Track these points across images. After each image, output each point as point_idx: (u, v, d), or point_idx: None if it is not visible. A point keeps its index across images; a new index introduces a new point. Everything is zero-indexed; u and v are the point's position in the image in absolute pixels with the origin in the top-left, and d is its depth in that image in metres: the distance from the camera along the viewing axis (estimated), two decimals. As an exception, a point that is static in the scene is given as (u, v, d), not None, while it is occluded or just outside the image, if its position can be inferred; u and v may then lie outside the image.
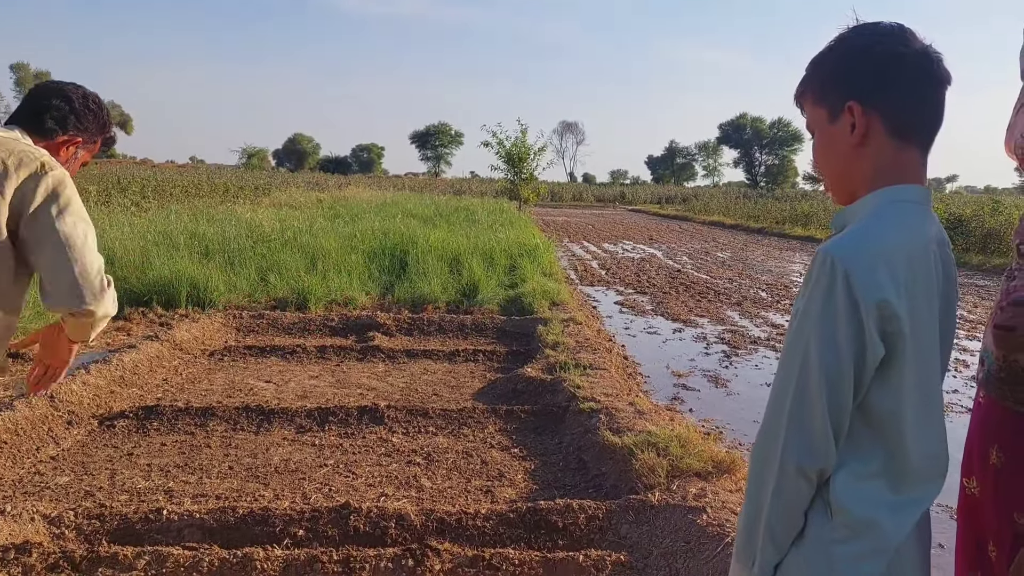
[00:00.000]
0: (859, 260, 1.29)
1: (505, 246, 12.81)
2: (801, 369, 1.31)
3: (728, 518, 3.57)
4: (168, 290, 8.97)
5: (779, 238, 27.91)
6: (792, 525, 1.35)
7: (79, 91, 2.35)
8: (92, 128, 2.38)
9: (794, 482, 1.32)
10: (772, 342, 9.04)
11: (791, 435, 1.32)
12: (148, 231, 11.10)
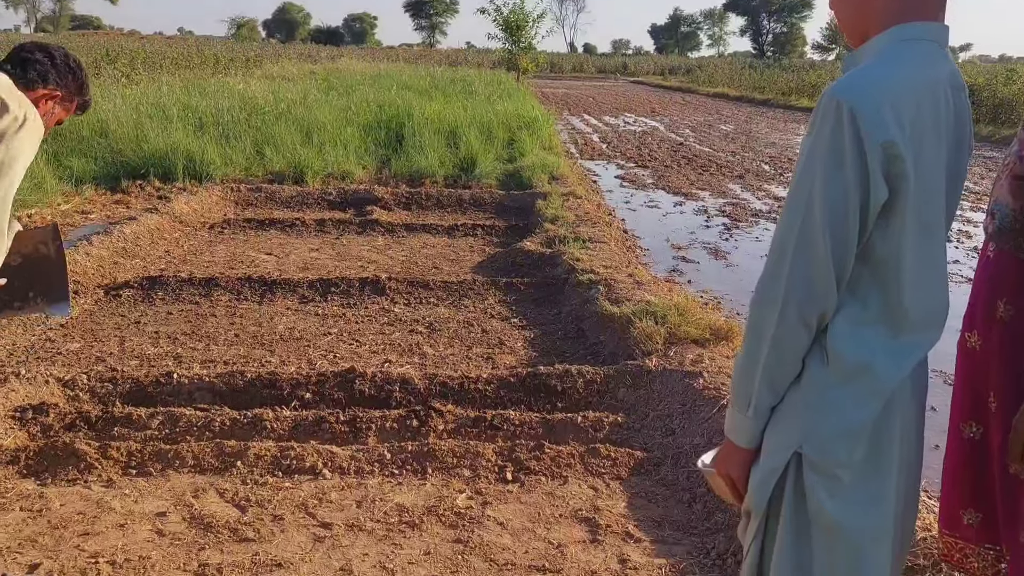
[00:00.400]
0: (865, 99, 1.26)
1: (503, 119, 12.57)
2: (806, 209, 1.30)
3: (724, 382, 3.68)
4: (164, 163, 8.87)
5: (785, 110, 27.40)
6: (789, 370, 1.37)
7: (61, 51, 2.40)
8: (71, 86, 2.41)
9: (794, 327, 1.32)
10: (773, 215, 9.04)
11: (793, 278, 1.31)
12: (141, 103, 10.86)
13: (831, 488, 1.33)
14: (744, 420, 1.42)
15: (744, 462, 1.45)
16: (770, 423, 1.41)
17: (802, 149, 1.35)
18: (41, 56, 2.31)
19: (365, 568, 2.57)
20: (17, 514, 2.79)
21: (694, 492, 3.05)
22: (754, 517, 1.43)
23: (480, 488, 3.08)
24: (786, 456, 1.36)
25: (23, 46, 2.36)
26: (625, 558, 2.67)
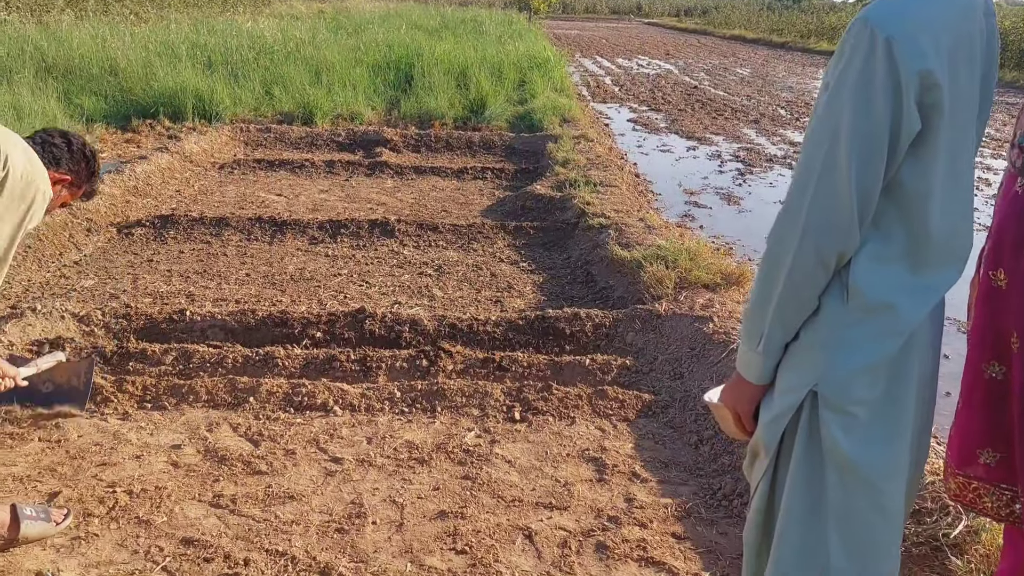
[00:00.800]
0: (901, 26, 1.21)
1: (514, 60, 12.37)
2: (831, 144, 1.25)
3: (734, 327, 3.69)
4: (174, 102, 8.80)
5: (803, 53, 26.85)
6: (804, 308, 1.34)
7: (79, 140, 2.49)
8: (82, 173, 2.49)
9: (811, 264, 1.29)
10: (789, 160, 8.94)
11: (814, 214, 1.28)
12: (150, 41, 10.73)
13: (847, 426, 1.32)
14: (754, 356, 1.41)
15: (752, 398, 1.45)
16: (784, 360, 1.40)
17: (827, 80, 1.31)
18: (60, 141, 2.43)
19: (375, 502, 2.63)
20: (36, 444, 2.85)
21: (701, 434, 3.08)
22: (764, 455, 1.43)
23: (488, 427, 3.12)
24: (801, 395, 1.36)
25: (47, 130, 2.48)
26: (631, 497, 2.71)
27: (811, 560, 1.39)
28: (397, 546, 2.41)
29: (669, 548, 2.46)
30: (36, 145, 2.36)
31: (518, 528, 2.52)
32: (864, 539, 1.35)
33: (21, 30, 10.93)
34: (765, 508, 1.47)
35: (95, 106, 8.68)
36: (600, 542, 2.47)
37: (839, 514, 1.35)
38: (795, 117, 12.15)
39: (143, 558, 2.30)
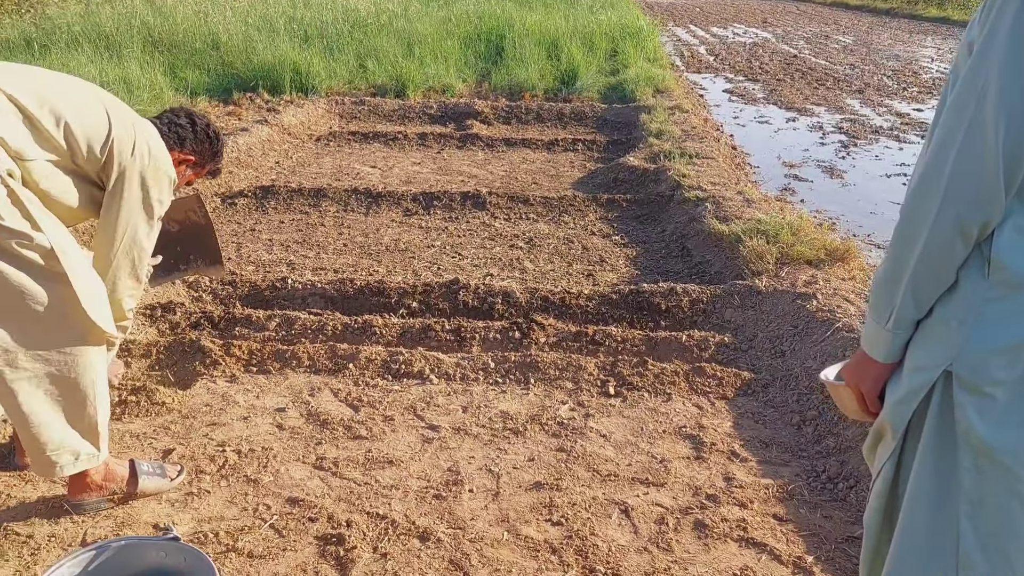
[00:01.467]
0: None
1: (606, 29, 12.14)
2: (977, 104, 1.16)
3: (840, 304, 3.55)
4: (272, 75, 9.01)
5: (910, 20, 25.49)
6: (940, 283, 1.26)
7: (204, 120, 2.56)
8: (205, 153, 2.57)
9: (949, 235, 1.21)
10: (896, 132, 8.53)
11: (955, 182, 1.19)
12: (249, 15, 10.99)
13: (983, 408, 1.24)
14: (883, 333, 1.33)
15: (879, 377, 1.38)
16: (915, 338, 1.32)
17: (970, 39, 1.21)
18: (185, 122, 2.51)
19: (472, 470, 2.65)
20: (146, 404, 2.97)
21: (804, 415, 2.99)
22: (891, 436, 1.36)
23: (582, 400, 3.10)
24: (934, 375, 1.27)
25: (174, 110, 2.55)
26: (730, 476, 2.65)
27: (939, 548, 1.32)
28: (493, 514, 2.43)
29: (770, 529, 2.40)
30: (162, 126, 2.44)
31: (614, 502, 2.50)
32: (999, 527, 1.27)
33: (129, 6, 11.34)
34: (888, 492, 1.40)
35: (198, 80, 8.96)
36: (698, 520, 2.42)
37: (972, 500, 1.27)
38: (902, 87, 11.57)
39: (251, 515, 2.39)
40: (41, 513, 2.36)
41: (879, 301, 1.33)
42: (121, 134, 2.21)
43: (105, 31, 9.66)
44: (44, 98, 2.10)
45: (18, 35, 9.61)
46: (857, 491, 2.56)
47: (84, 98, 2.21)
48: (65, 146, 2.12)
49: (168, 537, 1.89)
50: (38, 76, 2.18)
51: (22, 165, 2.05)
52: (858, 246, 4.50)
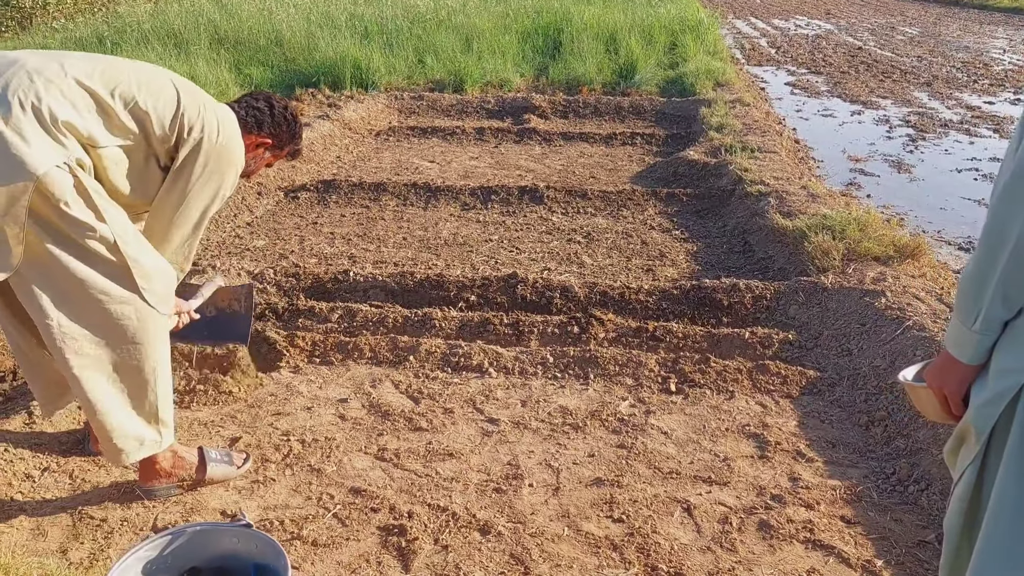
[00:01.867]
0: None
1: (665, 22, 11.99)
2: None
3: (910, 303, 3.45)
4: (333, 71, 9.13)
5: (979, 10, 24.63)
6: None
7: (282, 103, 2.55)
8: (283, 136, 2.55)
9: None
10: (966, 125, 8.25)
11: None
12: (311, 12, 11.16)
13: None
14: (968, 334, 1.29)
15: (963, 379, 1.33)
16: (1002, 339, 1.27)
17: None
18: (263, 105, 2.50)
19: (531, 464, 2.64)
20: (214, 393, 3.04)
21: (872, 415, 2.91)
22: (975, 440, 1.31)
23: (643, 397, 3.07)
24: (1021, 378, 1.23)
25: (252, 94, 2.55)
26: (796, 476, 2.60)
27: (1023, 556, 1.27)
28: (554, 509, 2.42)
29: (838, 531, 2.34)
30: (240, 109, 2.45)
31: (676, 500, 2.47)
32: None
33: (197, 4, 11.61)
34: (971, 497, 1.35)
35: (262, 76, 9.14)
36: (763, 520, 2.38)
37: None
38: (972, 79, 11.18)
39: (315, 504, 2.43)
40: (114, 498, 2.43)
41: (965, 302, 1.30)
42: (191, 113, 2.22)
43: (174, 28, 9.92)
44: (114, 82, 2.12)
45: (91, 33, 9.94)
46: (929, 494, 2.48)
47: (154, 79, 2.22)
48: (137, 129, 2.14)
49: (241, 524, 1.92)
50: (106, 62, 2.19)
51: (94, 153, 2.07)
52: (928, 242, 4.36)
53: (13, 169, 1.89)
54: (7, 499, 2.39)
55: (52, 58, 2.09)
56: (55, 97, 1.99)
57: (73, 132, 2.01)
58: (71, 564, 2.15)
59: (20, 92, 1.96)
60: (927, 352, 3.01)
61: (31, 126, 1.94)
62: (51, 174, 1.91)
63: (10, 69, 2.00)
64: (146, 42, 9.26)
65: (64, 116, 1.98)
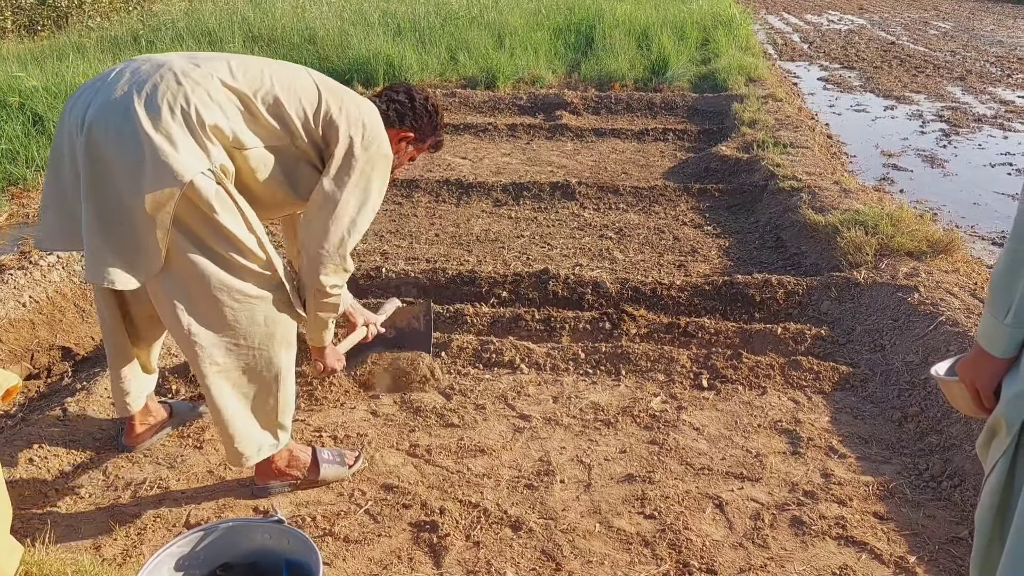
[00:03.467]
0: None
1: (697, 18, 11.92)
2: None
3: (943, 298, 3.41)
4: (366, 68, 9.20)
5: (1014, 5, 24.11)
6: None
7: (422, 95, 2.52)
8: (425, 129, 2.52)
9: None
10: (1000, 120, 8.11)
11: None
12: (344, 10, 11.26)
13: None
14: (1000, 327, 1.30)
15: (995, 372, 1.34)
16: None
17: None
18: (403, 98, 2.48)
19: (563, 460, 2.66)
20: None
21: (905, 411, 2.89)
22: (1006, 433, 1.31)
23: (675, 392, 3.08)
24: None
25: (393, 86, 2.53)
26: (828, 472, 2.59)
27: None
28: (585, 506, 2.44)
29: (871, 528, 2.34)
30: (381, 103, 2.43)
31: (708, 496, 2.47)
32: None
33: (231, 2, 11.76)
34: (1002, 490, 1.35)
35: (296, 74, 9.23)
36: (795, 516, 2.38)
37: None
38: (1006, 74, 10.97)
39: (347, 500, 2.46)
40: (147, 494, 2.48)
41: (997, 296, 1.30)
42: (334, 111, 2.20)
43: (208, 27, 10.06)
44: (257, 83, 2.11)
45: (126, 31, 10.11)
46: (962, 490, 2.46)
47: (296, 78, 2.20)
48: (282, 130, 2.13)
49: (273, 520, 1.95)
50: (248, 62, 2.19)
51: (239, 155, 2.07)
52: (962, 237, 4.30)
53: (162, 175, 1.90)
54: (41, 495, 2.45)
55: (197, 60, 2.10)
56: (202, 100, 1.99)
57: (219, 136, 2.01)
58: (104, 560, 2.19)
59: (169, 95, 1.97)
60: (960, 347, 2.98)
61: (180, 130, 1.95)
62: (198, 180, 1.93)
63: (158, 72, 2.02)
64: (180, 40, 9.40)
65: (211, 119, 1.99)
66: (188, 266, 2.02)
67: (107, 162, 1.95)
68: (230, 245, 2.03)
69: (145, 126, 1.92)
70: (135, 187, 1.92)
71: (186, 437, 2.78)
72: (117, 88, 1.99)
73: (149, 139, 1.91)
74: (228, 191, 2.01)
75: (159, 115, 1.94)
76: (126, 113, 1.94)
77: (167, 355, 3.19)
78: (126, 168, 1.93)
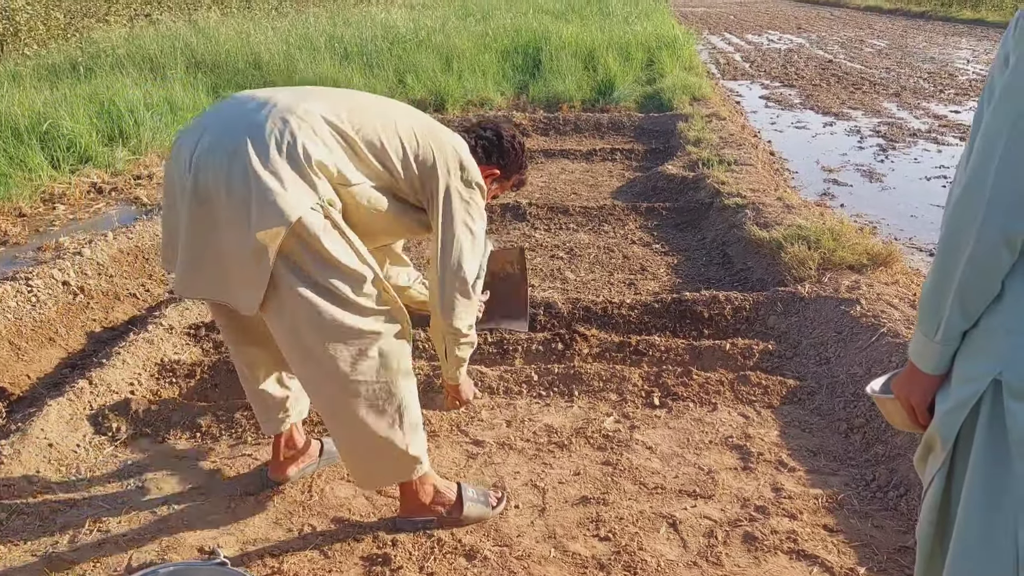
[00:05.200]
0: None
1: (641, 39, 12.12)
2: (1017, 119, 1.16)
3: (884, 309, 3.49)
4: (312, 94, 9.15)
5: (944, 22, 25.05)
6: (987, 293, 1.25)
7: (510, 132, 2.52)
8: (511, 167, 2.53)
9: (994, 245, 1.20)
10: (934, 134, 8.38)
11: (998, 192, 1.18)
12: (290, 35, 11.19)
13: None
14: (931, 345, 1.32)
15: (928, 389, 1.36)
16: (962, 348, 1.31)
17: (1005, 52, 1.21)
18: (491, 135, 2.48)
19: (517, 485, 2.65)
20: (199, 421, 3.02)
21: (851, 422, 2.94)
22: (941, 448, 1.34)
23: (627, 412, 3.09)
24: (983, 384, 1.26)
25: (481, 123, 2.54)
26: (779, 486, 2.62)
27: (996, 560, 1.29)
28: (540, 531, 2.42)
29: (821, 541, 2.36)
30: (470, 139, 2.43)
31: (662, 516, 2.48)
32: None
33: (173, 28, 11.61)
34: (940, 504, 1.38)
35: (240, 100, 9.13)
36: (748, 532, 2.39)
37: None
38: (938, 89, 11.37)
39: (297, 536, 2.41)
40: (86, 538, 2.40)
41: (926, 314, 1.33)
42: (433, 150, 2.20)
43: (149, 53, 9.91)
44: (358, 119, 2.10)
45: (64, 59, 9.90)
46: (908, 499, 2.51)
47: (394, 116, 2.19)
48: (382, 167, 2.12)
49: (215, 562, 1.90)
50: (349, 97, 2.18)
51: (344, 191, 2.05)
52: (900, 250, 4.42)
53: (269, 213, 1.88)
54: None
55: (301, 96, 2.08)
56: (308, 136, 1.97)
57: (325, 171, 1.99)
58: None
59: (276, 133, 1.95)
60: (901, 358, 3.05)
61: (286, 168, 1.93)
62: (306, 217, 1.91)
63: (263, 109, 2.00)
64: (121, 67, 9.24)
65: (317, 156, 1.97)
66: (297, 302, 1.99)
67: (214, 201, 1.94)
68: (342, 279, 2.01)
69: (253, 164, 1.91)
70: (242, 225, 1.91)
71: (126, 476, 2.69)
72: (223, 127, 1.99)
73: (257, 177, 1.90)
74: (336, 224, 1.99)
75: (267, 153, 1.93)
76: (234, 153, 1.92)
77: (107, 392, 3.10)
78: (234, 206, 1.92)
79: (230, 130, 1.97)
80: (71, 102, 7.07)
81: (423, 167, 2.19)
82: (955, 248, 1.26)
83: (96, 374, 3.16)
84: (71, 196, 5.96)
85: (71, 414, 2.94)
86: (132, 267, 4.45)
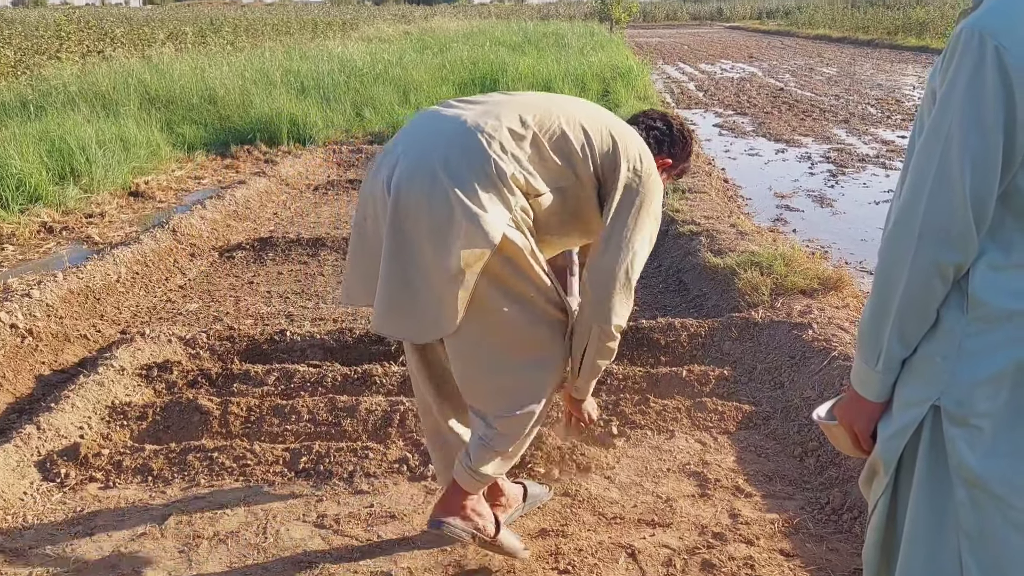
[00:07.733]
0: (1011, 32, 1.16)
1: (597, 70, 12.35)
2: (942, 156, 1.21)
3: (835, 333, 3.56)
4: (270, 127, 9.13)
5: (890, 50, 25.88)
6: (923, 322, 1.29)
7: (678, 120, 2.47)
8: (681, 156, 2.46)
9: (928, 276, 1.25)
10: (882, 159, 8.61)
11: (929, 226, 1.23)
12: (246, 70, 11.18)
13: (972, 440, 1.26)
14: (872, 373, 1.36)
15: (871, 416, 1.40)
16: (902, 375, 1.35)
17: (933, 86, 1.27)
18: (661, 125, 2.41)
19: (475, 519, 2.62)
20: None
21: (805, 446, 2.98)
22: (884, 472, 1.37)
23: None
24: (922, 411, 1.30)
25: (648, 114, 2.46)
26: (736, 512, 2.63)
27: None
28: (500, 567, 2.40)
29: (778, 566, 2.38)
30: (641, 131, 2.34)
31: (621, 546, 2.48)
32: (1001, 558, 1.27)
33: (126, 64, 11.52)
34: (885, 527, 1.41)
35: (195, 134, 9.08)
36: (706, 560, 2.40)
37: (971, 534, 1.28)
38: (886, 115, 11.70)
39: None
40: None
41: (866, 344, 1.37)
42: (616, 145, 2.12)
43: (101, 90, 9.82)
44: (544, 126, 2.05)
45: (14, 97, 9.76)
46: (861, 522, 2.54)
47: (573, 113, 2.12)
48: (566, 167, 2.06)
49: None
50: (530, 103, 2.12)
51: (534, 201, 2.02)
52: (850, 274, 4.51)
53: (472, 236, 1.86)
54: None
55: (487, 108, 2.06)
56: (498, 152, 1.95)
57: (517, 184, 1.97)
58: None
59: (469, 153, 1.94)
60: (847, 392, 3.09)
61: (483, 188, 1.91)
62: (509, 234, 1.91)
63: (454, 128, 1.99)
64: (73, 104, 9.13)
65: (510, 170, 1.95)
66: (501, 316, 2.00)
67: (414, 223, 1.92)
68: (538, 293, 2.03)
69: (452, 187, 1.89)
70: (443, 248, 1.89)
71: (76, 524, 2.63)
72: (418, 149, 1.98)
73: (459, 199, 1.88)
74: (529, 236, 1.99)
75: (463, 174, 1.91)
76: (433, 176, 1.91)
77: (56, 436, 3.02)
78: (434, 229, 1.90)
79: (427, 153, 1.96)
80: (20, 140, 6.95)
81: (607, 162, 2.11)
82: (891, 281, 1.30)
83: (44, 419, 3.08)
84: (20, 236, 5.85)
85: (17, 461, 2.86)
86: (83, 308, 4.37)
